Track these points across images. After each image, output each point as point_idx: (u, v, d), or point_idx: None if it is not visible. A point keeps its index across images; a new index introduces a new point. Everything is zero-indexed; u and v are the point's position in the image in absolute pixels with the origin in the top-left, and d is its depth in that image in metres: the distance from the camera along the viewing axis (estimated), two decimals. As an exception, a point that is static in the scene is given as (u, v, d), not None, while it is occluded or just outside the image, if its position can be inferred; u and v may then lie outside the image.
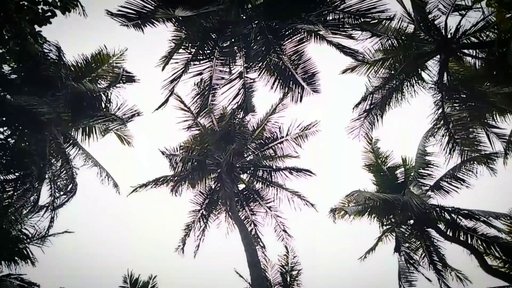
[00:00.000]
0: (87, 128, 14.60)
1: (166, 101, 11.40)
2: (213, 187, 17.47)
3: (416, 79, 11.70)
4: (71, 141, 14.43)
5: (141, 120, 14.37)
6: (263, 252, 17.15)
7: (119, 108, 13.95)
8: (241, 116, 15.01)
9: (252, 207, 17.89)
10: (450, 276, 15.59)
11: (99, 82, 14.55)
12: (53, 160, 14.26)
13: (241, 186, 17.96)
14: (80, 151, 14.52)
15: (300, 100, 11.58)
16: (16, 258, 16.25)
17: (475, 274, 15.73)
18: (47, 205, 14.40)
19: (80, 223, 18.96)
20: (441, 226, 14.80)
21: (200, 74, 11.25)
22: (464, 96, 12.32)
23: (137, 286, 17.95)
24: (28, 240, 15.50)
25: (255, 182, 17.90)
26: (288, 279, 17.00)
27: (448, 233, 14.67)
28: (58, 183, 13.29)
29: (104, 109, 13.50)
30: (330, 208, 16.15)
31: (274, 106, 16.55)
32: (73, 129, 14.33)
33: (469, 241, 14.32)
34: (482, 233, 14.30)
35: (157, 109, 11.43)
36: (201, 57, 11.05)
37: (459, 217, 14.58)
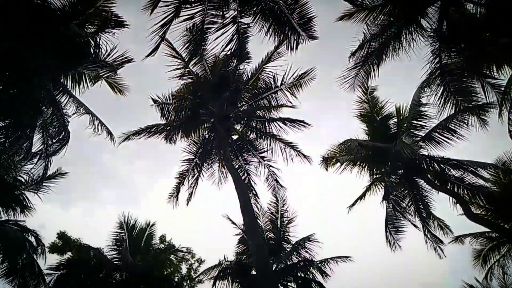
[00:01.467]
0: (76, 75, 14.20)
1: (157, 47, 10.99)
2: (206, 136, 17.49)
3: (415, 26, 11.35)
4: (61, 88, 14.10)
5: (132, 68, 13.96)
6: (255, 200, 17.59)
7: (108, 55, 13.44)
8: (234, 64, 14.67)
9: (245, 157, 18.07)
10: (433, 225, 16.32)
11: (86, 26, 13.93)
12: (44, 108, 14.03)
13: (235, 137, 18.03)
14: (71, 99, 14.24)
15: (296, 48, 11.30)
16: (12, 204, 16.56)
17: (457, 225, 16.52)
18: (40, 152, 14.41)
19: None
20: (430, 176, 15.19)
21: (192, 18, 10.79)
22: (462, 45, 12.06)
23: (134, 232, 18.53)
24: (23, 187, 15.72)
25: (248, 133, 17.93)
26: (279, 225, 17.64)
27: (436, 182, 15.10)
28: (50, 131, 13.16)
29: (93, 55, 13.02)
30: (322, 157, 16.43)
31: (269, 54, 16.11)
32: (62, 76, 13.94)
33: (456, 190, 14.81)
34: (469, 183, 14.75)
35: (147, 56, 11.06)
36: (192, 0, 10.54)
37: (448, 167, 14.93)
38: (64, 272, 16.52)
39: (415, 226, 15.84)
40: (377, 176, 16.51)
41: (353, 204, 16.52)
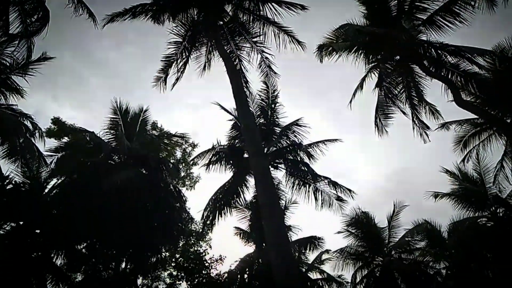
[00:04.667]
0: None
1: None
2: (195, 18, 16.42)
3: None
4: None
5: None
6: (246, 87, 17.40)
7: None
8: None
9: (237, 41, 17.28)
10: (424, 110, 16.64)
11: None
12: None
13: (226, 19, 16.95)
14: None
15: None
16: (1, 88, 16.33)
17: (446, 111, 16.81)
18: (19, 33, 13.67)
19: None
20: (426, 63, 14.90)
21: None
22: None
23: (128, 117, 18.73)
24: (9, 70, 15.29)
25: (240, 15, 16.82)
26: (269, 112, 17.89)
27: (431, 69, 14.89)
28: (26, 7, 12.22)
29: None
30: (318, 45, 15.74)
31: None
32: None
33: (450, 77, 14.71)
34: (464, 70, 14.58)
35: None
36: None
37: (445, 53, 14.54)
38: (63, 154, 17.18)
39: (404, 113, 16.17)
40: (373, 64, 16.12)
41: (353, 97, 16.33)
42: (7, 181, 15.66)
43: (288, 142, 17.35)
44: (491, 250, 17.06)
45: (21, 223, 16.04)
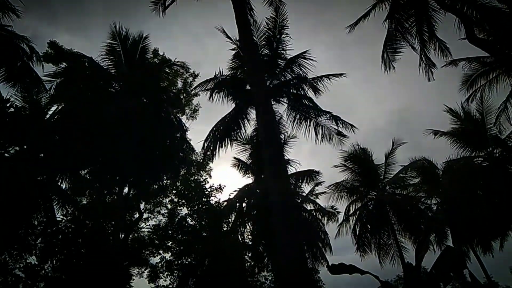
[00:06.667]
0: None
1: None
2: None
3: None
4: None
5: None
6: (251, 15, 16.52)
7: None
8: None
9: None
10: (433, 47, 16.06)
11: None
12: None
13: None
14: None
15: None
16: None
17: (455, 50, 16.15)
18: None
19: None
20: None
21: None
22: None
23: (127, 43, 18.10)
24: (0, -13, 14.39)
25: None
26: (275, 44, 17.20)
27: (446, 1, 14.09)
28: None
29: None
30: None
31: None
32: None
33: (465, 11, 13.97)
34: (481, 3, 13.81)
35: None
36: None
37: (463, -16, 13.66)
38: (62, 80, 16.86)
39: (413, 48, 15.59)
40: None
41: (356, 24, 15.70)
42: (8, 104, 15.51)
43: (293, 75, 16.93)
44: (483, 188, 17.59)
45: (25, 147, 16.24)
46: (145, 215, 22.17)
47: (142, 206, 21.74)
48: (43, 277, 15.22)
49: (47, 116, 17.00)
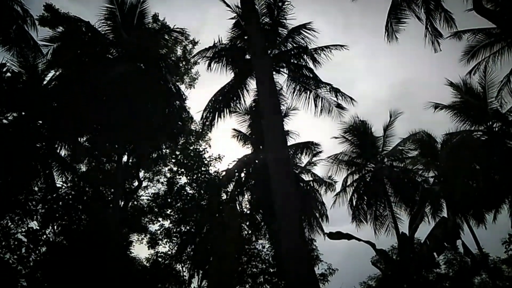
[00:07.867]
0: None
1: None
2: None
3: None
4: None
5: None
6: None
7: None
8: None
9: None
10: (439, 17, 15.67)
11: None
12: None
13: None
14: None
15: None
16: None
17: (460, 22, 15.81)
18: None
19: None
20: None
21: None
22: None
23: (125, 8, 17.58)
24: None
25: None
26: (276, 12, 16.73)
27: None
28: None
29: None
30: None
31: None
32: None
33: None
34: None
35: None
36: None
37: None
38: (59, 44, 16.48)
39: (419, 18, 15.22)
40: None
41: None
42: (4, 69, 15.25)
43: (294, 45, 16.57)
44: (481, 162, 17.67)
45: (23, 113, 16.12)
46: (144, 184, 22.36)
47: (141, 174, 21.89)
48: (45, 241, 15.50)
49: (44, 82, 16.77)
